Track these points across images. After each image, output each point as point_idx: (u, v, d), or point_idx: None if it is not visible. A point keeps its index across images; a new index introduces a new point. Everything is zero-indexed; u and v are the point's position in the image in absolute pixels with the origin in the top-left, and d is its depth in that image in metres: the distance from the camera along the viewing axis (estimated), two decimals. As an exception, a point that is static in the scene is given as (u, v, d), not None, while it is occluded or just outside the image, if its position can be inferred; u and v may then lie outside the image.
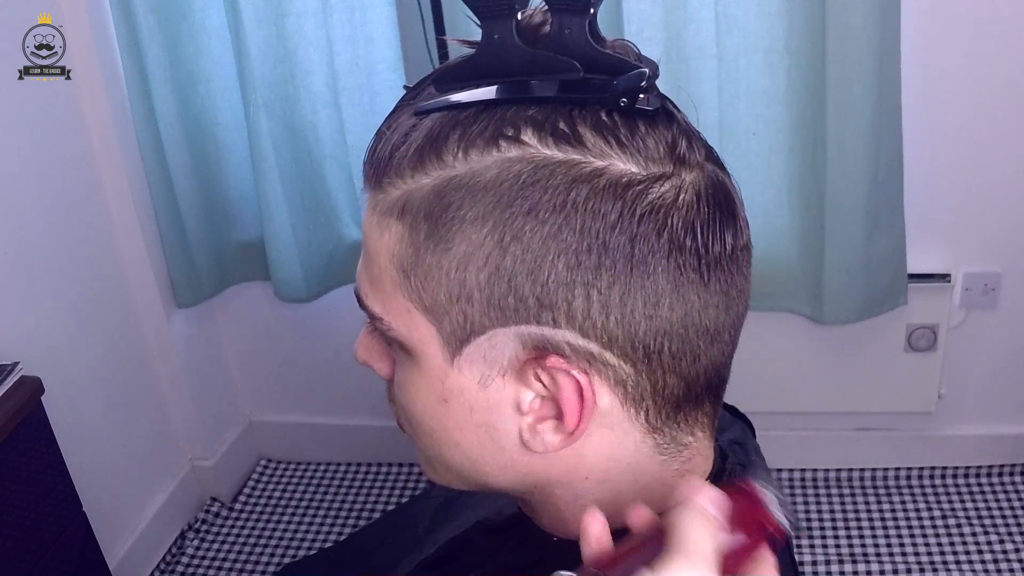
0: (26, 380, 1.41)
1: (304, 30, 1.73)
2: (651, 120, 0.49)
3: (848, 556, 1.91)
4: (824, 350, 1.96)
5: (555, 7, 0.49)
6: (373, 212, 0.52)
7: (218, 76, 1.84)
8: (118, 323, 1.91)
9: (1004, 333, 1.93)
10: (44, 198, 1.68)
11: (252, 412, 2.30)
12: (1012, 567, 1.85)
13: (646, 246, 0.47)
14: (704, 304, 0.49)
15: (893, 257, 1.74)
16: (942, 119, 1.72)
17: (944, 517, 1.98)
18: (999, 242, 1.84)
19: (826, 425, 2.09)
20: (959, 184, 1.78)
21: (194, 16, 1.78)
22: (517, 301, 0.48)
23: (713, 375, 0.53)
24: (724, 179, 0.52)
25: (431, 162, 0.49)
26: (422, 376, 0.53)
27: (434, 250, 0.49)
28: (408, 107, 0.52)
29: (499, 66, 0.50)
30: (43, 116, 1.67)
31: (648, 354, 0.49)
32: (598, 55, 0.49)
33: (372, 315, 0.54)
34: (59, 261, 1.72)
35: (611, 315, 0.48)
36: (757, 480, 0.45)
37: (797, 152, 1.68)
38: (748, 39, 1.61)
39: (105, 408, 1.86)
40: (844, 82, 1.55)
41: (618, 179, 0.47)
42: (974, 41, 1.65)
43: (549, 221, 0.47)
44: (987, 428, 2.05)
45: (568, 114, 0.48)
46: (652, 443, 0.53)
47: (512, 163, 0.47)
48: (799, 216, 1.74)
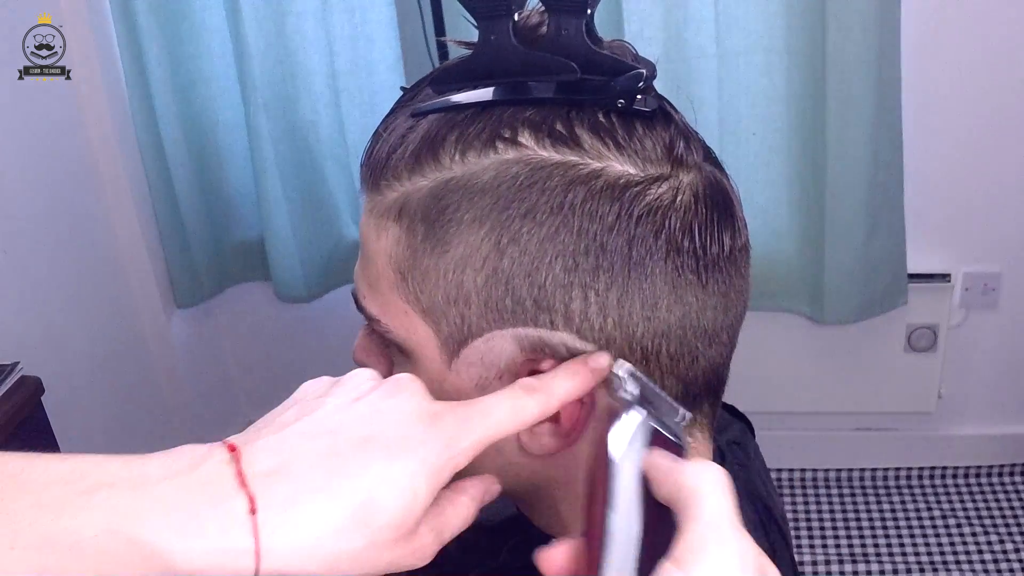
0: (26, 380, 1.41)
1: (304, 30, 1.73)
2: (649, 121, 0.49)
3: (848, 556, 1.91)
4: (824, 350, 1.96)
5: (552, 8, 0.49)
6: (370, 214, 0.52)
7: (218, 76, 1.84)
8: (118, 323, 1.91)
9: (1004, 333, 1.93)
10: (44, 198, 1.68)
11: (252, 412, 2.29)
12: (1012, 567, 1.85)
13: (644, 248, 0.47)
14: (702, 305, 0.49)
15: (893, 257, 1.74)
16: (942, 119, 1.72)
17: (944, 517, 1.98)
18: (999, 242, 1.84)
19: (826, 425, 2.09)
20: (959, 184, 1.78)
21: (194, 16, 1.78)
22: (514, 303, 0.48)
23: (712, 376, 0.52)
24: (722, 180, 0.51)
25: (428, 164, 0.49)
26: (420, 378, 0.53)
27: (431, 252, 0.48)
28: (405, 108, 0.52)
29: (496, 67, 0.50)
30: (43, 116, 1.67)
31: (646, 356, 0.49)
32: (595, 56, 0.49)
33: (370, 317, 0.53)
34: (59, 261, 1.72)
35: (608, 317, 0.47)
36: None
37: (797, 152, 1.68)
38: (748, 39, 1.61)
39: (105, 408, 1.86)
40: (844, 82, 1.55)
41: (615, 181, 0.47)
42: (974, 41, 1.65)
43: (546, 223, 0.46)
44: (987, 428, 2.05)
45: (565, 115, 0.48)
46: (651, 443, 0.53)
47: (509, 165, 0.47)
48: (799, 216, 1.74)
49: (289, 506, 0.37)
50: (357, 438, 0.39)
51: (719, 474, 0.40)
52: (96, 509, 0.36)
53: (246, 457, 0.38)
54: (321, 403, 0.42)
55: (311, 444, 0.39)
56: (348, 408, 0.41)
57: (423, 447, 0.40)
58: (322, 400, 0.42)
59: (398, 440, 0.40)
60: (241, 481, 0.37)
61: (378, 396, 0.42)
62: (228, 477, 0.37)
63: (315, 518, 0.37)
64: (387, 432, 0.40)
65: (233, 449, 0.38)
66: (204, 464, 0.37)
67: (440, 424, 0.41)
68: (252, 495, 0.36)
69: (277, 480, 0.37)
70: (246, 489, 0.36)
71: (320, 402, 0.42)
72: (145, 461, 0.38)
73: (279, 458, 0.38)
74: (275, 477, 0.37)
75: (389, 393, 0.42)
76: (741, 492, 0.58)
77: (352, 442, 0.39)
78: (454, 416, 0.42)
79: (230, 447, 0.39)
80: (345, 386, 0.43)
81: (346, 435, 0.39)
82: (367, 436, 0.39)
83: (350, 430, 0.40)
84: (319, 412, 0.41)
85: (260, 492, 0.37)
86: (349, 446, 0.39)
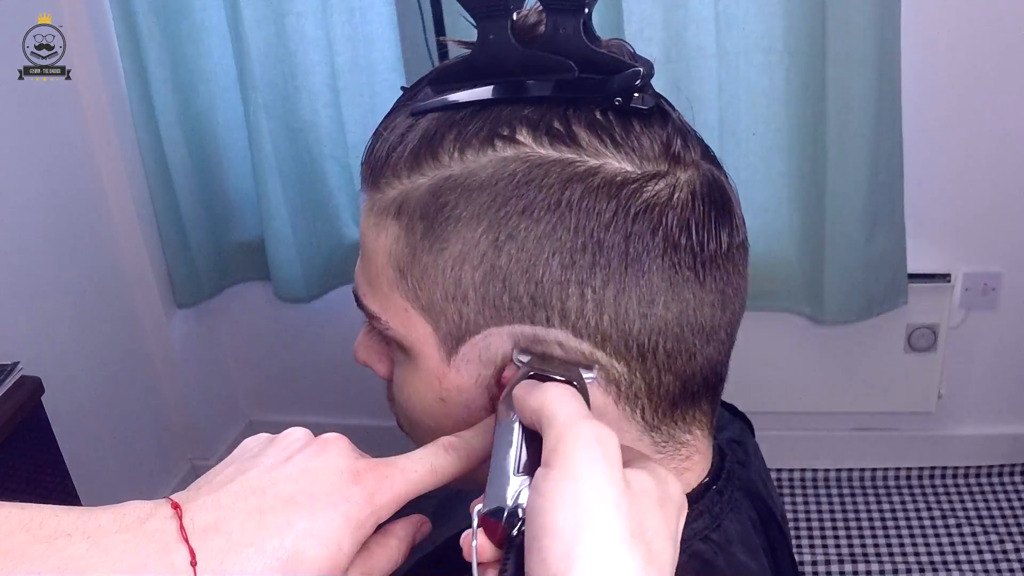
0: (26, 380, 1.41)
1: (304, 30, 1.73)
2: (646, 119, 0.49)
3: (848, 556, 1.91)
4: (824, 350, 1.96)
5: (549, 7, 0.49)
6: (370, 212, 0.52)
7: (218, 76, 1.84)
8: (118, 323, 1.91)
9: (1004, 333, 1.93)
10: (44, 198, 1.68)
11: (252, 412, 2.30)
12: (1012, 567, 1.85)
13: (640, 244, 0.47)
14: (699, 302, 0.49)
15: (893, 257, 1.74)
16: (942, 119, 1.72)
17: (944, 517, 1.98)
18: (999, 242, 1.84)
19: (826, 425, 2.09)
20: (959, 184, 1.78)
21: (194, 16, 1.78)
22: (511, 300, 0.48)
23: (710, 373, 0.52)
24: (720, 177, 0.52)
25: (427, 162, 0.49)
26: (420, 376, 0.53)
27: (430, 249, 0.49)
28: (405, 108, 0.52)
29: (495, 66, 0.50)
30: (43, 116, 1.67)
31: (643, 353, 0.49)
32: (593, 54, 0.49)
33: (370, 314, 0.54)
34: (59, 261, 1.72)
35: (605, 314, 0.48)
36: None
37: (797, 152, 1.68)
38: (748, 39, 1.61)
39: (105, 408, 1.86)
40: (844, 82, 1.55)
41: (612, 178, 0.47)
42: (974, 41, 1.65)
43: (544, 220, 0.47)
44: (987, 428, 2.05)
45: (563, 113, 0.48)
46: (649, 441, 0.53)
47: (507, 162, 0.48)
48: (799, 216, 1.74)
49: (223, 558, 0.40)
50: (284, 496, 0.43)
51: (561, 387, 0.44)
52: (54, 556, 0.39)
53: (187, 514, 0.41)
54: (255, 463, 0.45)
55: (243, 503, 0.42)
56: (278, 468, 0.44)
57: (346, 503, 0.43)
58: (256, 460, 0.45)
59: (322, 496, 0.43)
60: (183, 536, 0.40)
61: (305, 456, 0.45)
62: (172, 531, 0.40)
63: (247, 569, 0.40)
64: (312, 489, 0.43)
65: (176, 506, 0.42)
66: (151, 519, 0.41)
67: (362, 481, 0.44)
68: (192, 549, 0.40)
69: (213, 535, 0.41)
70: (187, 543, 0.40)
71: (254, 461, 0.45)
72: (99, 514, 0.41)
73: (216, 515, 0.41)
74: (211, 532, 0.41)
75: (316, 452, 0.45)
76: (741, 492, 0.59)
77: (280, 499, 0.42)
78: (375, 474, 0.45)
79: (174, 504, 0.42)
80: (278, 445, 0.46)
81: (274, 493, 0.43)
82: (293, 494, 0.43)
83: (278, 488, 0.43)
84: (252, 472, 0.44)
85: (199, 546, 0.40)
86: (277, 503, 0.42)
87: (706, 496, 0.55)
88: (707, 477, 0.57)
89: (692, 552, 0.53)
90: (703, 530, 0.54)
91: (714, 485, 0.56)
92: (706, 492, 0.56)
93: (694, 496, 0.55)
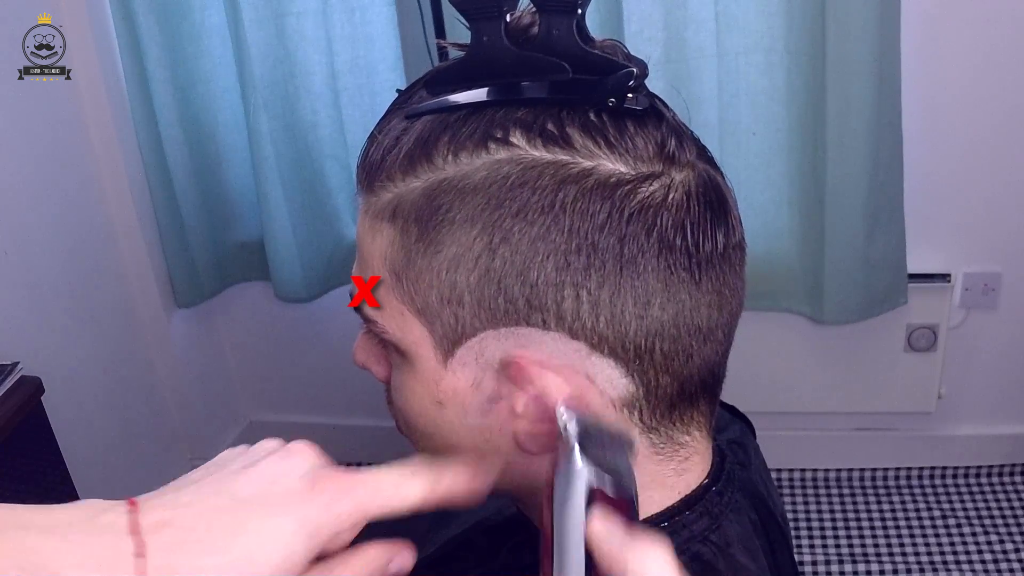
0: (26, 380, 1.41)
1: (304, 30, 1.73)
2: (640, 120, 0.49)
3: (848, 556, 1.91)
4: (824, 350, 1.96)
5: (543, 8, 0.49)
6: (365, 215, 0.52)
7: (218, 76, 1.84)
8: (118, 323, 1.91)
9: (1004, 333, 1.93)
10: (44, 198, 1.68)
11: (252, 412, 2.30)
12: (1012, 567, 1.85)
13: (635, 246, 0.47)
14: (696, 303, 0.49)
15: (893, 257, 1.74)
16: (942, 119, 1.72)
17: (944, 517, 1.98)
18: (999, 242, 1.84)
19: (826, 425, 2.09)
20: (959, 184, 1.78)
21: (194, 16, 1.78)
22: (507, 302, 0.48)
23: (707, 374, 0.52)
24: (716, 178, 0.51)
25: (421, 165, 0.49)
26: (417, 379, 0.53)
27: (425, 252, 0.49)
28: (400, 110, 0.52)
29: (489, 68, 0.50)
30: (43, 116, 1.67)
31: (639, 354, 0.49)
32: (586, 55, 0.49)
33: (366, 318, 0.54)
34: (59, 261, 1.72)
35: (601, 316, 0.47)
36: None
37: (797, 152, 1.68)
38: (748, 39, 1.61)
39: (105, 408, 1.87)
40: (844, 82, 1.55)
41: (606, 179, 0.47)
42: (974, 41, 1.65)
43: (538, 222, 0.46)
44: (987, 428, 2.05)
45: (557, 115, 0.48)
46: (648, 442, 0.53)
47: (501, 165, 0.47)
48: (799, 216, 1.74)
49: (172, 552, 0.41)
50: (241, 497, 0.43)
51: (664, 557, 0.40)
52: (10, 547, 0.39)
53: (143, 510, 0.42)
54: (222, 467, 0.46)
55: (200, 502, 0.43)
56: (242, 472, 0.45)
57: (302, 507, 0.43)
58: (224, 465, 0.46)
59: (277, 499, 0.43)
60: (133, 529, 0.41)
61: (270, 461, 0.45)
62: (123, 525, 0.41)
63: (195, 565, 0.41)
64: (268, 492, 0.43)
65: (133, 503, 0.42)
66: (105, 515, 0.41)
67: (321, 488, 0.44)
68: (143, 541, 0.40)
69: (165, 530, 0.41)
70: (137, 536, 0.40)
71: (222, 466, 0.46)
72: (55, 510, 0.42)
73: (172, 512, 0.42)
74: (164, 528, 0.41)
75: (281, 458, 0.45)
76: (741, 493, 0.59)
77: (236, 500, 0.43)
78: (336, 482, 0.45)
79: (131, 502, 0.43)
80: (248, 453, 0.47)
81: (231, 494, 0.43)
82: (249, 495, 0.43)
83: (237, 490, 0.43)
84: (217, 475, 0.45)
85: (149, 539, 0.40)
86: (232, 503, 0.43)
87: (706, 497, 0.55)
88: (707, 478, 0.57)
89: (692, 554, 0.53)
90: (703, 532, 0.54)
91: (714, 486, 0.56)
92: (706, 493, 0.56)
93: (694, 497, 0.55)
